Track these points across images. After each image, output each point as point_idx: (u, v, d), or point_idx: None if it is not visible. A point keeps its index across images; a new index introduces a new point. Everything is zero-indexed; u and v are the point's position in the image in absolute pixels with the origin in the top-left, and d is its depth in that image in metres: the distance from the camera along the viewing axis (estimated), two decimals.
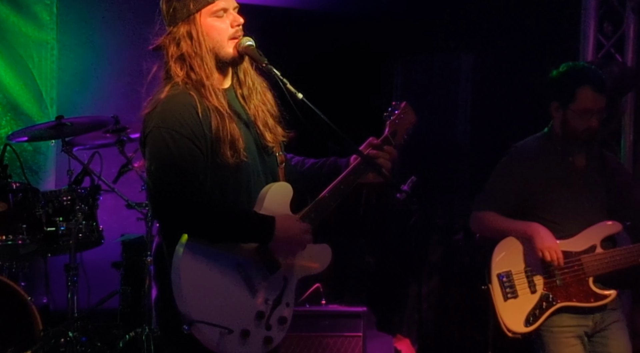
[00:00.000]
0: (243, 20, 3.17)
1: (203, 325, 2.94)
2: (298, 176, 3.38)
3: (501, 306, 4.13)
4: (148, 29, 3.29)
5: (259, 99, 3.25)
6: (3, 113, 6.43)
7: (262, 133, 3.22)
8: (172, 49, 3.14)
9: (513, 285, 4.14)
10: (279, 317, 3.11)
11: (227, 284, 3.03)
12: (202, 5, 3.12)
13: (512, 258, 4.18)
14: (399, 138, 3.39)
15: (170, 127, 3.01)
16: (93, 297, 5.18)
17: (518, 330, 4.12)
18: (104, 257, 5.65)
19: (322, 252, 3.27)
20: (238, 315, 3.03)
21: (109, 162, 5.33)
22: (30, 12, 6.53)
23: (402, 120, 3.42)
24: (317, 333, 5.06)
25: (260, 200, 3.15)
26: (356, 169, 3.27)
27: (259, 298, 3.08)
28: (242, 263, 3.06)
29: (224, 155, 3.06)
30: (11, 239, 4.73)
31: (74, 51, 6.70)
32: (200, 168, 3.04)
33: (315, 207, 3.22)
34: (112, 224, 5.60)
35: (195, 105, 3.06)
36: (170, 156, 2.99)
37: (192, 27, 3.13)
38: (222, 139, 3.06)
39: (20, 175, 5.27)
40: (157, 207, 3.05)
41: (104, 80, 6.74)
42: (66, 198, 5.05)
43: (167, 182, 2.98)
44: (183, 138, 3.01)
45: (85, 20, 6.74)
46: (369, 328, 5.16)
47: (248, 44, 3.15)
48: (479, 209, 4.33)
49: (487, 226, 4.30)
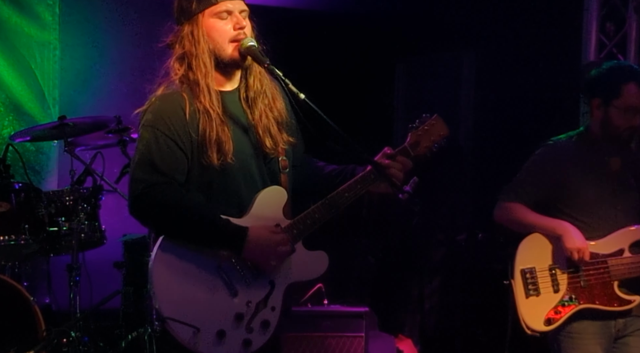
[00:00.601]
0: (246, 24, 3.18)
1: (174, 322, 2.98)
2: (317, 181, 3.38)
3: (522, 302, 4.07)
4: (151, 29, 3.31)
5: (266, 105, 3.24)
6: (5, 113, 6.43)
7: (262, 139, 3.21)
8: (176, 47, 3.18)
9: (536, 282, 4.08)
10: (262, 320, 3.10)
11: (203, 284, 3.05)
12: (206, 6, 3.14)
13: (537, 254, 4.12)
14: (421, 149, 3.34)
15: (155, 126, 3.07)
16: (95, 297, 5.18)
17: (537, 328, 4.05)
18: (106, 257, 5.65)
19: (318, 259, 3.24)
20: (214, 315, 3.04)
21: (111, 162, 5.34)
22: (32, 12, 6.53)
23: (428, 132, 3.36)
24: (319, 333, 5.06)
25: (252, 206, 3.15)
26: (365, 178, 3.25)
27: (239, 300, 3.08)
28: (222, 264, 3.08)
29: (209, 157, 3.08)
30: (14, 239, 4.74)
31: (76, 51, 6.70)
32: (180, 168, 3.08)
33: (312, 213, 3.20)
34: (114, 224, 5.59)
35: (184, 106, 3.10)
36: (149, 154, 3.05)
37: (194, 27, 3.15)
38: (208, 141, 3.09)
39: (22, 175, 5.28)
40: (129, 202, 3.09)
41: (107, 80, 6.74)
42: (68, 198, 5.06)
43: (140, 178, 3.04)
44: (166, 138, 3.06)
45: (88, 21, 6.74)
46: (371, 329, 5.16)
47: (250, 44, 3.15)
48: (507, 199, 4.23)
49: (512, 218, 4.21)
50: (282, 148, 3.26)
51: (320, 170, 3.43)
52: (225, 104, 3.18)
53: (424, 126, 3.38)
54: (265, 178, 3.22)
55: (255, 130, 3.22)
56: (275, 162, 3.25)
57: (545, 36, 6.13)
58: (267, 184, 3.21)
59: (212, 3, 3.14)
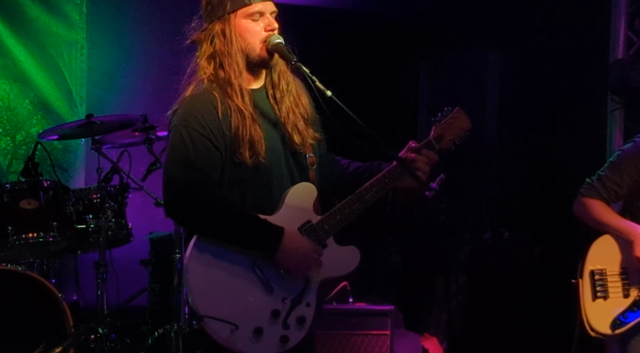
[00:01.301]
0: (277, 25, 3.20)
1: (211, 320, 2.98)
2: (343, 178, 3.39)
3: (588, 304, 4.02)
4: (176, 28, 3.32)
5: (292, 101, 3.26)
6: (34, 112, 6.49)
7: (290, 135, 3.23)
8: (205, 45, 3.19)
9: (605, 284, 4.03)
10: (298, 316, 3.11)
11: (239, 282, 3.06)
12: (239, 6, 3.16)
13: (609, 256, 4.06)
14: (446, 143, 3.34)
15: (189, 125, 3.08)
16: (122, 294, 5.22)
17: (603, 331, 3.99)
18: (133, 255, 5.68)
19: (350, 254, 3.25)
20: (251, 312, 3.05)
21: (138, 160, 5.37)
22: (60, 12, 6.58)
23: (451, 125, 3.36)
24: (344, 331, 5.06)
25: (283, 202, 3.17)
26: (391, 173, 3.25)
27: (276, 297, 3.09)
28: (257, 262, 3.09)
29: (242, 155, 3.10)
30: (42, 236, 4.76)
31: (103, 50, 6.74)
32: (216, 166, 3.10)
33: (341, 209, 3.22)
34: (140, 222, 5.63)
35: (216, 105, 3.12)
36: (185, 153, 3.06)
37: (226, 27, 3.16)
38: (241, 139, 3.10)
39: (50, 173, 5.31)
40: (165, 202, 3.10)
41: (133, 79, 6.78)
42: (96, 196, 5.09)
43: (177, 178, 3.04)
44: (200, 136, 3.07)
45: (115, 20, 6.78)
46: (396, 327, 5.16)
47: (277, 41, 3.17)
48: (586, 195, 4.16)
49: (589, 215, 4.13)
50: (310, 144, 3.28)
51: (344, 168, 3.44)
52: (255, 102, 3.20)
53: (447, 120, 3.37)
54: (295, 175, 3.23)
55: (284, 127, 3.24)
56: (303, 158, 3.27)
57: (572, 33, 6.09)
58: (296, 180, 3.23)
59: (245, 4, 3.15)
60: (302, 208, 3.18)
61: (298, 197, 3.18)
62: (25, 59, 6.44)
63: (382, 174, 3.25)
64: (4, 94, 6.36)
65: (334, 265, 3.21)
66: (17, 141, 6.42)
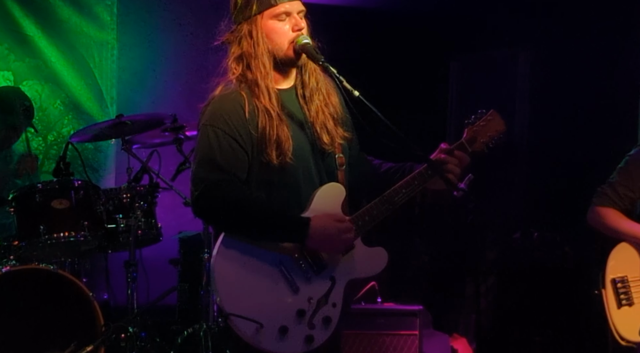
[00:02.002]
0: (305, 25, 3.20)
1: (237, 318, 2.99)
2: (374, 179, 3.38)
3: (614, 313, 4.01)
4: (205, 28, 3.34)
5: (321, 101, 3.25)
6: (65, 112, 6.55)
7: (319, 135, 3.23)
8: (233, 46, 3.21)
9: (628, 291, 4.03)
10: (324, 316, 3.11)
11: (265, 281, 3.06)
12: (265, 7, 3.16)
13: (629, 263, 4.07)
14: (478, 145, 3.32)
15: (216, 125, 3.10)
16: (152, 293, 5.25)
17: (632, 339, 3.99)
18: (162, 254, 5.72)
19: (377, 255, 3.24)
20: (276, 311, 3.06)
21: (167, 160, 5.39)
22: (91, 13, 6.63)
23: (485, 127, 3.34)
24: (373, 331, 5.05)
25: (311, 202, 3.17)
26: (421, 174, 3.24)
27: (301, 296, 3.09)
28: (283, 261, 3.10)
29: (268, 155, 3.11)
30: (73, 236, 4.79)
31: (133, 50, 6.79)
32: (242, 166, 3.11)
33: (370, 210, 3.21)
34: (169, 221, 5.66)
35: (243, 105, 3.13)
36: (211, 153, 3.08)
37: (253, 28, 3.17)
38: (268, 139, 3.11)
39: (81, 173, 5.36)
40: (192, 200, 3.12)
41: (163, 79, 6.82)
42: (126, 196, 5.11)
43: (203, 177, 3.07)
44: (227, 136, 3.09)
45: (145, 21, 6.83)
46: (425, 327, 5.14)
47: (305, 41, 3.17)
48: (599, 203, 4.19)
49: (604, 224, 4.15)
50: (339, 144, 3.27)
51: (376, 168, 3.43)
52: (283, 102, 3.20)
53: (480, 122, 3.35)
54: (323, 175, 3.23)
55: (313, 127, 3.24)
56: (332, 159, 3.27)
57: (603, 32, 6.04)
58: (324, 181, 3.22)
59: (271, 4, 3.16)
60: (330, 208, 3.17)
61: (326, 197, 3.18)
62: (57, 60, 6.49)
63: (412, 176, 3.24)
64: (36, 94, 6.42)
65: (362, 266, 3.20)
66: (48, 141, 6.48)
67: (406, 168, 3.33)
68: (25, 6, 6.38)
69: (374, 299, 5.28)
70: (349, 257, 3.18)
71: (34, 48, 6.42)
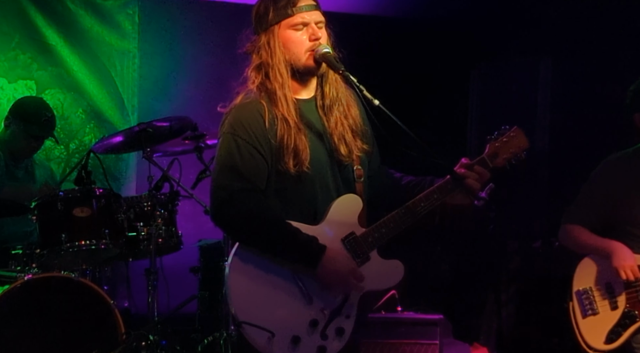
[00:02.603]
0: (322, 34, 3.21)
1: (250, 327, 3.00)
2: (394, 192, 3.38)
3: (580, 322, 4.12)
4: (226, 38, 3.37)
5: (341, 112, 3.26)
6: (87, 121, 6.58)
7: (337, 147, 3.24)
8: (253, 56, 3.24)
9: (592, 301, 4.13)
10: (337, 327, 3.11)
11: (278, 290, 3.07)
12: (282, 17, 3.18)
13: (592, 275, 4.17)
14: (500, 161, 3.32)
15: (236, 133, 3.12)
16: (172, 301, 5.26)
17: (598, 347, 4.08)
18: (183, 262, 5.72)
19: (393, 268, 3.24)
20: (289, 321, 3.06)
21: (188, 168, 5.41)
22: (113, 21, 6.67)
23: (507, 144, 3.34)
24: (393, 340, 5.05)
25: (326, 212, 3.17)
26: (441, 188, 3.24)
27: (314, 307, 3.10)
28: (297, 270, 3.10)
29: (286, 164, 3.12)
30: (94, 244, 4.80)
31: (154, 59, 6.82)
32: (262, 175, 3.13)
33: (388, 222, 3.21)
34: (190, 229, 5.67)
35: (263, 113, 3.15)
36: (231, 161, 3.09)
37: (270, 38, 3.20)
38: (286, 148, 3.13)
39: (103, 181, 5.38)
40: (211, 208, 3.14)
41: (183, 88, 6.85)
42: (147, 204, 5.12)
43: (224, 185, 3.08)
44: (247, 145, 3.11)
45: (166, 30, 6.86)
46: (445, 336, 5.12)
47: (324, 51, 3.18)
48: (567, 222, 4.31)
49: (573, 241, 4.28)
50: (357, 156, 3.27)
51: (397, 181, 3.42)
52: (302, 112, 3.21)
53: (502, 138, 3.34)
54: (340, 186, 3.23)
55: (331, 137, 3.24)
56: (350, 170, 3.26)
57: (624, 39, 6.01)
58: (341, 192, 3.22)
59: (288, 15, 3.18)
60: (347, 219, 3.17)
61: (343, 208, 3.18)
62: (79, 69, 6.53)
63: (432, 190, 3.24)
64: (58, 103, 6.46)
65: (377, 278, 3.20)
66: (70, 149, 6.52)
67: (426, 182, 3.32)
68: (48, 16, 6.43)
69: (394, 308, 5.27)
70: (364, 269, 3.17)
71: (56, 57, 6.46)
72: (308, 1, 3.20)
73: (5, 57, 6.31)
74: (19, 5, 6.33)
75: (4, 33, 6.29)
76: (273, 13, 3.18)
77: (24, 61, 6.36)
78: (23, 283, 4.55)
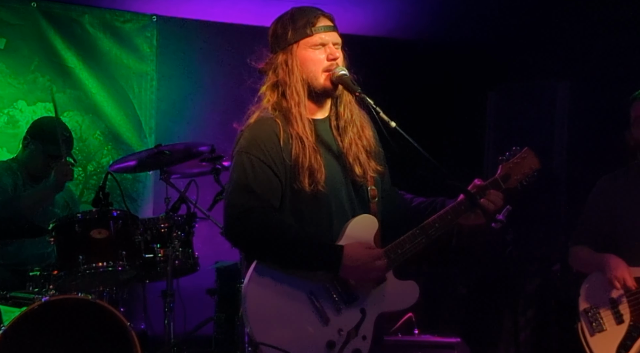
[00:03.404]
0: (340, 55, 3.22)
1: (267, 348, 2.99)
2: (406, 213, 3.37)
3: (590, 340, 4.17)
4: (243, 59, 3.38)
5: (355, 133, 3.28)
6: (105, 142, 6.61)
7: (352, 167, 3.24)
8: (270, 74, 3.25)
9: (598, 319, 4.16)
10: (354, 349, 3.10)
11: (296, 310, 3.06)
12: (301, 36, 3.21)
13: (595, 293, 4.21)
14: (512, 182, 3.34)
15: (251, 152, 3.13)
16: (189, 323, 5.25)
17: None
18: (199, 284, 5.72)
19: (409, 289, 3.24)
20: (306, 342, 3.05)
21: (205, 190, 5.41)
22: (132, 44, 6.72)
23: (519, 165, 3.36)
24: None
25: (344, 232, 3.17)
26: (455, 209, 3.24)
27: (331, 328, 3.09)
28: (314, 291, 3.09)
29: (301, 183, 3.13)
30: (112, 265, 4.81)
31: (172, 81, 6.86)
32: (275, 193, 3.13)
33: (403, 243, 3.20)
34: (206, 251, 5.66)
35: (278, 132, 3.15)
36: (246, 179, 3.09)
37: (288, 56, 3.22)
38: (301, 167, 3.13)
39: (120, 203, 5.40)
40: (225, 226, 3.13)
41: (201, 110, 6.88)
42: (164, 225, 5.13)
43: (237, 203, 3.08)
44: (261, 163, 3.11)
45: (183, 52, 6.90)
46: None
47: (341, 73, 3.20)
48: (572, 244, 4.40)
49: (578, 261, 4.40)
50: (371, 177, 3.28)
51: (408, 202, 3.42)
52: (317, 131, 3.22)
53: (515, 159, 3.36)
54: (355, 206, 3.23)
55: (346, 158, 3.25)
56: (364, 191, 3.27)
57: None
58: (356, 212, 3.23)
59: (307, 34, 3.20)
60: (363, 239, 3.17)
61: (359, 229, 3.18)
62: (97, 91, 6.57)
63: (446, 211, 3.24)
64: (76, 125, 6.50)
65: (393, 299, 3.20)
66: (88, 171, 6.55)
67: (438, 203, 3.33)
68: (67, 39, 6.49)
69: (411, 331, 5.24)
70: (380, 289, 3.17)
71: (75, 80, 6.51)
72: (326, 22, 3.23)
73: (24, 79, 6.36)
74: (38, 28, 6.39)
75: (23, 56, 6.35)
76: (292, 32, 3.21)
77: (43, 84, 6.41)
78: (40, 305, 4.55)
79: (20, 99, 6.35)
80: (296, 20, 3.21)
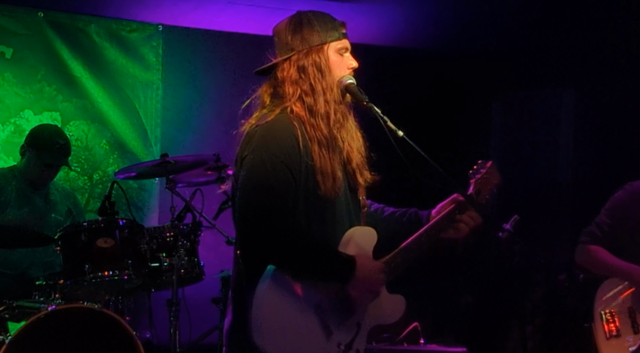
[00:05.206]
0: (357, 64, 3.19)
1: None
2: (377, 222, 3.33)
3: (603, 344, 4.16)
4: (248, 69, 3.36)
5: (355, 141, 3.24)
6: (110, 152, 6.62)
7: (353, 174, 3.21)
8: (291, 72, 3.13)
9: (615, 324, 4.16)
10: None
11: (304, 323, 3.01)
12: (332, 39, 3.13)
13: (615, 298, 4.21)
14: (481, 198, 3.33)
15: (270, 151, 2.99)
16: (194, 332, 5.25)
17: None
18: (204, 293, 5.71)
19: (397, 303, 3.23)
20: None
21: (210, 199, 5.41)
22: (137, 54, 6.73)
23: (486, 180, 3.36)
24: None
25: (346, 242, 3.12)
26: (439, 224, 3.24)
27: (333, 341, 3.05)
28: (321, 305, 3.04)
29: (324, 186, 3.04)
30: (117, 274, 4.79)
31: (178, 90, 6.87)
32: (291, 194, 3.01)
33: (398, 256, 3.18)
34: (211, 260, 5.66)
35: (296, 135, 3.04)
36: (267, 179, 2.95)
37: (320, 57, 3.12)
38: (324, 170, 3.05)
39: (126, 212, 5.40)
40: (243, 228, 2.98)
41: (206, 119, 6.89)
42: (169, 234, 5.12)
43: (258, 204, 2.93)
44: (281, 164, 2.98)
45: (189, 61, 6.92)
46: None
47: (349, 81, 3.16)
48: (587, 242, 4.36)
49: (592, 261, 4.33)
50: (363, 186, 3.26)
51: (380, 212, 3.41)
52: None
53: (484, 174, 3.35)
54: (352, 215, 3.20)
55: (350, 163, 3.23)
56: (358, 199, 3.25)
57: None
58: (352, 220, 3.19)
59: (337, 37, 3.14)
60: (366, 251, 3.14)
61: (362, 241, 3.14)
62: (103, 100, 6.59)
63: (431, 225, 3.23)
64: (82, 134, 6.51)
65: (385, 312, 3.19)
66: (94, 180, 6.56)
67: (411, 212, 3.34)
68: (74, 48, 6.50)
69: (417, 340, 5.23)
70: (374, 303, 3.14)
71: (81, 89, 6.52)
72: (344, 29, 3.18)
73: (31, 89, 6.38)
74: (45, 38, 6.41)
75: (30, 66, 6.37)
76: (321, 31, 3.12)
77: (50, 93, 6.42)
78: (47, 314, 4.55)
79: (26, 109, 6.36)
80: (323, 22, 3.13)
